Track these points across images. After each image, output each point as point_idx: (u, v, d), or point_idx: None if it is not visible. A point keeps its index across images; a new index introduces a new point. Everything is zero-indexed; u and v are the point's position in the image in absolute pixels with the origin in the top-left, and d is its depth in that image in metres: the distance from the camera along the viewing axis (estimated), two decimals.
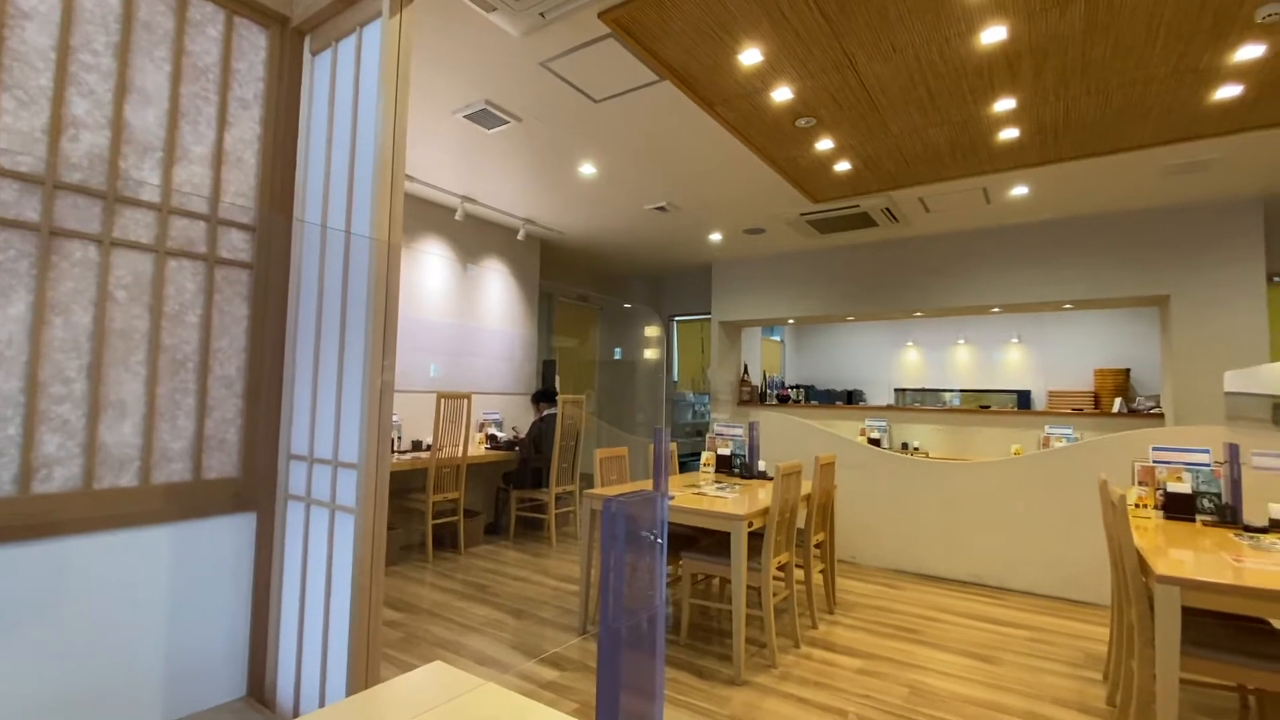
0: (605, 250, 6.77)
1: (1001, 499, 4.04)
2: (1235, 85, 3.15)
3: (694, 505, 2.88)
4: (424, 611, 3.41)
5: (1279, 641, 2.00)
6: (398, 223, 1.62)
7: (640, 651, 0.88)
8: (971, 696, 2.53)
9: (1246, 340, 4.59)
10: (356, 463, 1.58)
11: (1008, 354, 7.57)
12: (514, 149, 4.08)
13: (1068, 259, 5.32)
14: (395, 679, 1.15)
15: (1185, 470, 2.72)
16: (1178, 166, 4.13)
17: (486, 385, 5.66)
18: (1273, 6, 2.51)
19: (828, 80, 3.17)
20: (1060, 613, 3.55)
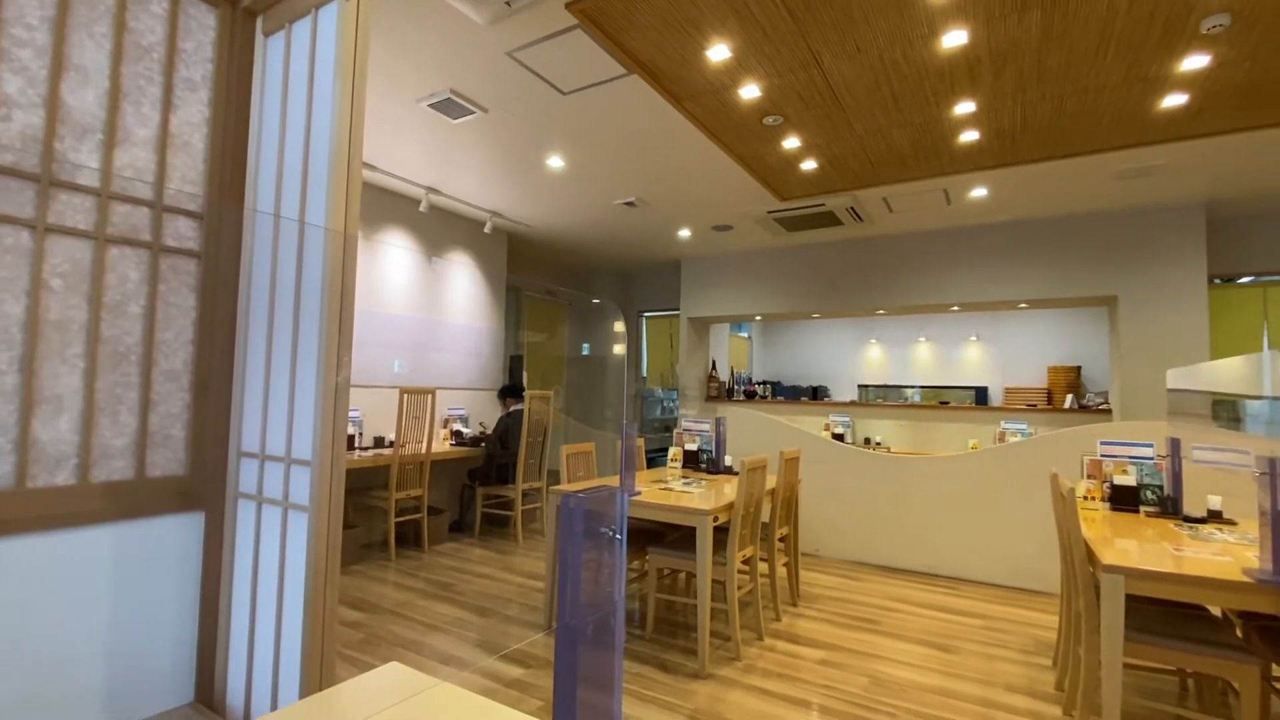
0: (574, 245, 6.72)
1: (959, 492, 4.16)
2: (1181, 94, 3.28)
3: (660, 501, 2.88)
4: (386, 611, 3.35)
5: (1216, 627, 2.10)
6: (354, 213, 1.57)
7: (599, 647, 0.86)
8: (929, 685, 2.60)
9: (1188, 339, 4.80)
10: (310, 460, 1.53)
11: (966, 352, 7.78)
12: (480, 140, 4.02)
13: (1023, 259, 5.48)
14: (349, 680, 1.12)
15: (1130, 464, 2.84)
16: (1127, 172, 4.29)
17: (452, 381, 5.57)
18: (1218, 18, 2.62)
19: (794, 79, 3.19)
20: (1013, 601, 3.67)
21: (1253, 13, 2.59)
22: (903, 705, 2.42)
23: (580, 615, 0.79)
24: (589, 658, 0.86)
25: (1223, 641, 1.97)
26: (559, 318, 7.89)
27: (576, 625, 0.80)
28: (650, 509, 2.86)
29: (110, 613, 1.75)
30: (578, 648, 0.80)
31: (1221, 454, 2.58)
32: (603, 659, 0.87)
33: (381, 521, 4.41)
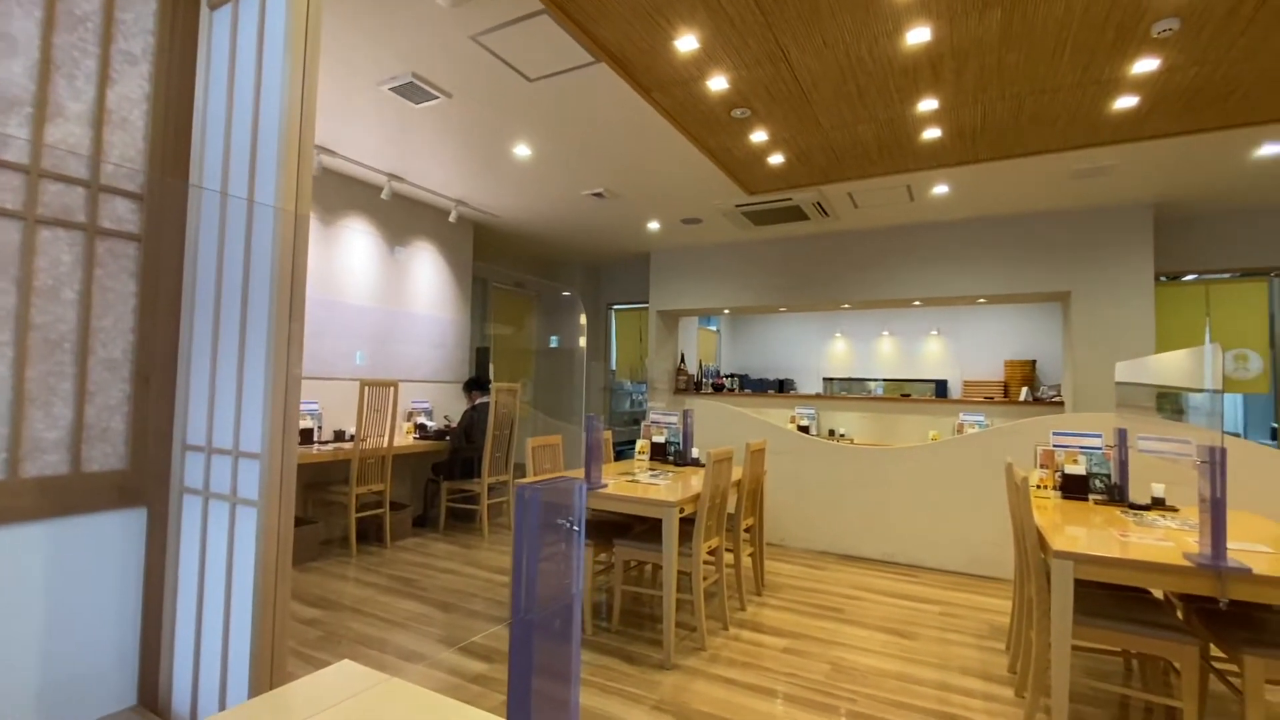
0: (542, 235, 6.64)
1: (919, 482, 4.25)
2: (1132, 96, 3.39)
3: (627, 493, 2.87)
4: (345, 608, 3.27)
5: (1158, 610, 2.19)
6: (306, 193, 1.51)
7: (557, 640, 0.85)
8: (888, 670, 2.65)
9: (1136, 334, 5.00)
10: (260, 452, 1.47)
11: (927, 345, 7.97)
12: (444, 126, 3.92)
13: (982, 256, 5.62)
14: (299, 680, 1.08)
15: (1081, 453, 2.94)
16: (1081, 172, 4.43)
17: (416, 373, 5.46)
18: (1168, 22, 2.71)
19: (762, 72, 3.19)
20: (969, 588, 3.77)
21: (1201, 17, 2.69)
22: (863, 691, 2.46)
23: (536, 609, 0.77)
24: (547, 651, 0.85)
25: (1164, 623, 2.05)
26: (527, 310, 7.80)
27: (531, 620, 0.78)
28: (616, 501, 2.85)
29: (45, 614, 1.65)
30: (533, 642, 0.78)
31: (1165, 444, 2.69)
32: (561, 652, 0.85)
33: (342, 517, 4.30)
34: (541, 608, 0.79)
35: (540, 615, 0.79)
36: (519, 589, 0.77)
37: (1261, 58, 2.98)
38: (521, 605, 0.76)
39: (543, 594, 0.81)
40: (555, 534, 0.82)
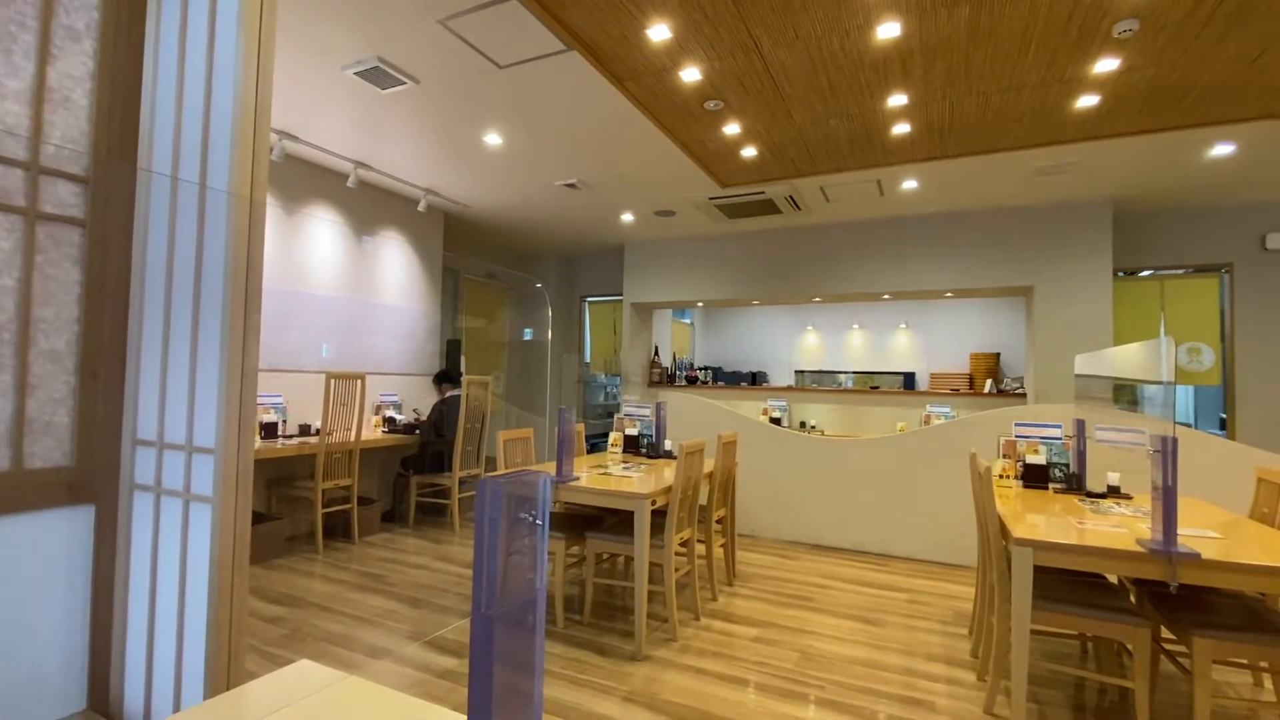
0: (515, 226, 6.56)
1: (887, 473, 4.33)
2: (1093, 96, 3.47)
3: (599, 486, 2.86)
4: (312, 605, 3.20)
5: (1113, 594, 2.26)
6: (262, 178, 1.45)
7: (519, 636, 0.83)
8: (856, 657, 2.70)
9: (1095, 328, 5.15)
10: (214, 447, 1.41)
11: (896, 339, 8.10)
12: (413, 113, 3.83)
13: (949, 251, 5.73)
14: (257, 680, 1.05)
15: (1041, 444, 3.02)
16: (1044, 169, 4.53)
17: (385, 365, 5.35)
18: (1128, 23, 2.78)
19: (734, 63, 3.19)
20: (935, 575, 3.86)
21: (1159, 19, 2.76)
22: (831, 678, 2.50)
23: (496, 605, 0.75)
24: (509, 647, 0.83)
25: (1118, 607, 2.12)
26: (500, 302, 7.71)
27: (492, 616, 0.76)
28: (588, 494, 2.84)
29: None
30: (494, 638, 0.76)
31: (1121, 434, 2.77)
32: (524, 648, 0.84)
33: (307, 513, 4.21)
34: (504, 603, 0.78)
35: (502, 611, 0.78)
36: (480, 585, 0.76)
37: (1215, 61, 3.08)
38: (482, 601, 0.75)
39: (506, 589, 0.79)
40: (519, 528, 0.81)
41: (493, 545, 0.75)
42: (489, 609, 0.75)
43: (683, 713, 2.20)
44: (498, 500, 0.75)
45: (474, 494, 5.17)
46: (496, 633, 0.76)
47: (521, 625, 0.79)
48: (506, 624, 0.78)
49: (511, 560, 0.79)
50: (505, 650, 0.78)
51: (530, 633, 0.80)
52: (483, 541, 0.76)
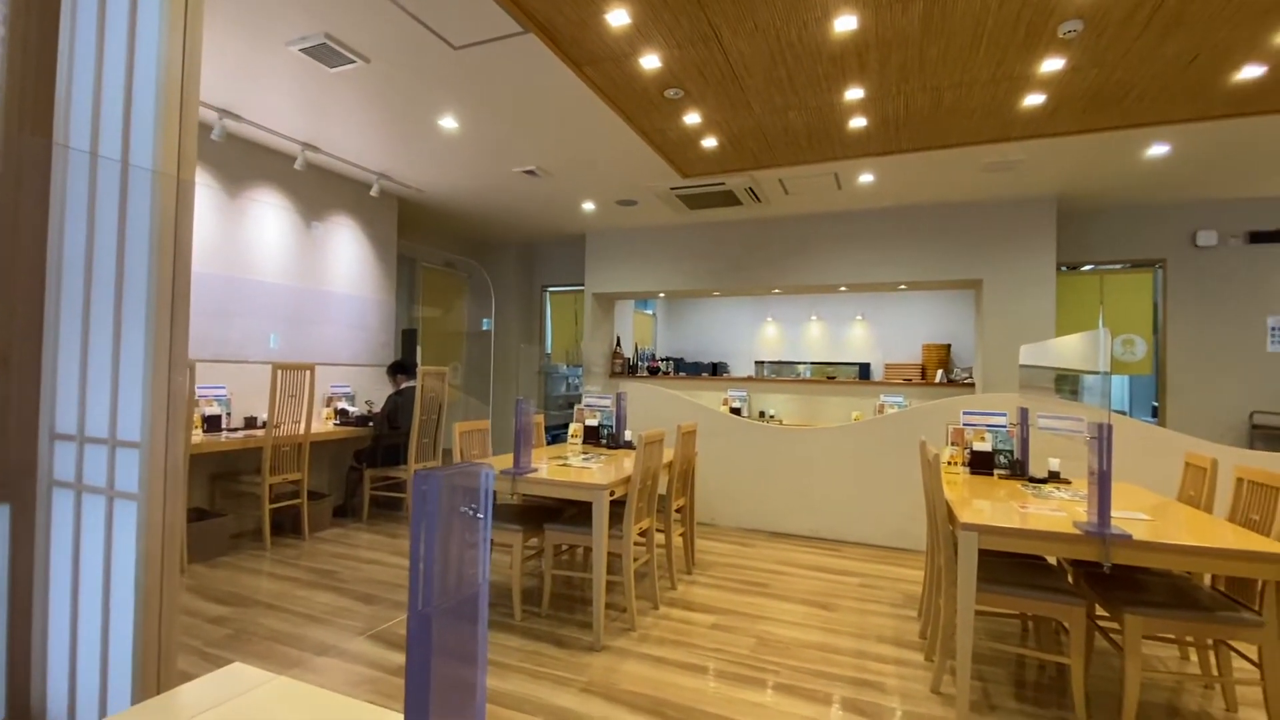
0: (472, 214, 6.42)
1: (842, 461, 4.42)
2: (1040, 94, 3.58)
3: (557, 477, 2.84)
4: (258, 604, 3.09)
5: (1052, 575, 2.36)
6: (190, 156, 1.36)
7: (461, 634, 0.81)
8: (810, 641, 2.75)
9: (1039, 320, 5.35)
10: (140, 441, 1.33)
11: (853, 330, 8.27)
12: (363, 93, 3.69)
13: (903, 244, 5.86)
14: (186, 684, 1.00)
15: (987, 431, 3.12)
16: (993, 165, 4.66)
17: (336, 356, 5.19)
18: (1073, 23, 2.86)
19: (694, 52, 3.17)
20: (887, 560, 3.97)
21: (1102, 21, 2.85)
22: (786, 663, 2.54)
23: (433, 603, 0.72)
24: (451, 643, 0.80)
25: (1056, 587, 2.21)
26: (458, 291, 7.56)
27: (429, 614, 0.73)
28: (547, 485, 2.81)
29: None
30: (432, 637, 0.73)
31: (1061, 422, 2.89)
32: (466, 646, 0.81)
33: (254, 508, 4.05)
34: (443, 600, 0.75)
35: (441, 608, 0.75)
36: (416, 582, 0.73)
37: (1152, 63, 3.21)
38: (419, 599, 0.72)
39: (446, 586, 0.76)
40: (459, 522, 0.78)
41: (430, 541, 0.72)
42: (426, 607, 0.72)
43: (640, 702, 2.21)
44: (435, 494, 0.72)
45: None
46: (435, 630, 0.73)
47: (463, 621, 0.77)
48: (446, 621, 0.76)
49: (452, 555, 0.76)
50: (446, 648, 0.76)
51: (473, 629, 0.78)
52: (419, 537, 0.73)
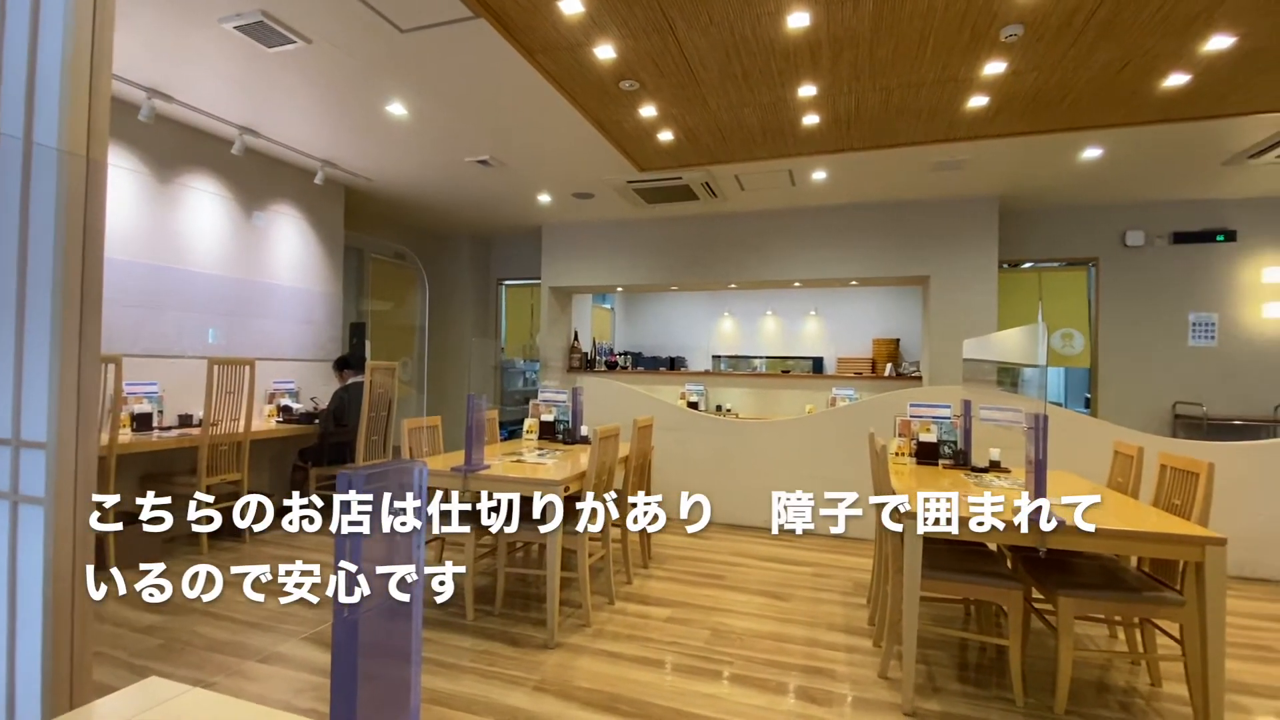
0: (424, 204, 6.25)
1: (796, 452, 4.50)
2: (983, 96, 3.69)
3: (510, 474, 2.79)
4: (193, 611, 2.94)
5: (992, 560, 2.45)
6: (101, 135, 1.25)
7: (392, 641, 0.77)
8: (764, 631, 2.79)
9: (982, 316, 5.55)
10: (46, 441, 1.23)
11: (807, 325, 8.43)
12: (305, 76, 3.53)
13: (854, 241, 5.99)
14: (100, 700, 0.93)
15: (933, 423, 3.22)
16: (939, 164, 4.80)
17: (280, 350, 4.98)
18: (1014, 28, 2.96)
19: (649, 43, 3.14)
20: (839, 549, 4.05)
21: (1040, 26, 2.96)
22: (740, 653, 2.57)
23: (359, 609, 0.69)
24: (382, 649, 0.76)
25: (996, 572, 2.30)
26: (410, 283, 7.35)
27: (355, 622, 0.69)
28: (498, 483, 2.76)
29: None
30: (358, 644, 0.69)
31: (1002, 413, 3.00)
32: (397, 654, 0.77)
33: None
34: (370, 604, 0.71)
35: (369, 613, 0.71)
36: (340, 588, 0.69)
37: (1086, 69, 3.35)
38: (343, 606, 0.68)
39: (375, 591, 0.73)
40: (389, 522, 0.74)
41: (355, 543, 0.69)
42: (352, 613, 0.68)
43: (593, 698, 2.19)
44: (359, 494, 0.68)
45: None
46: (363, 636, 0.69)
47: (396, 624, 0.73)
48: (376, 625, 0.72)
49: (381, 557, 0.73)
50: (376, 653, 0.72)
51: (406, 632, 0.74)
52: (343, 539, 0.69)
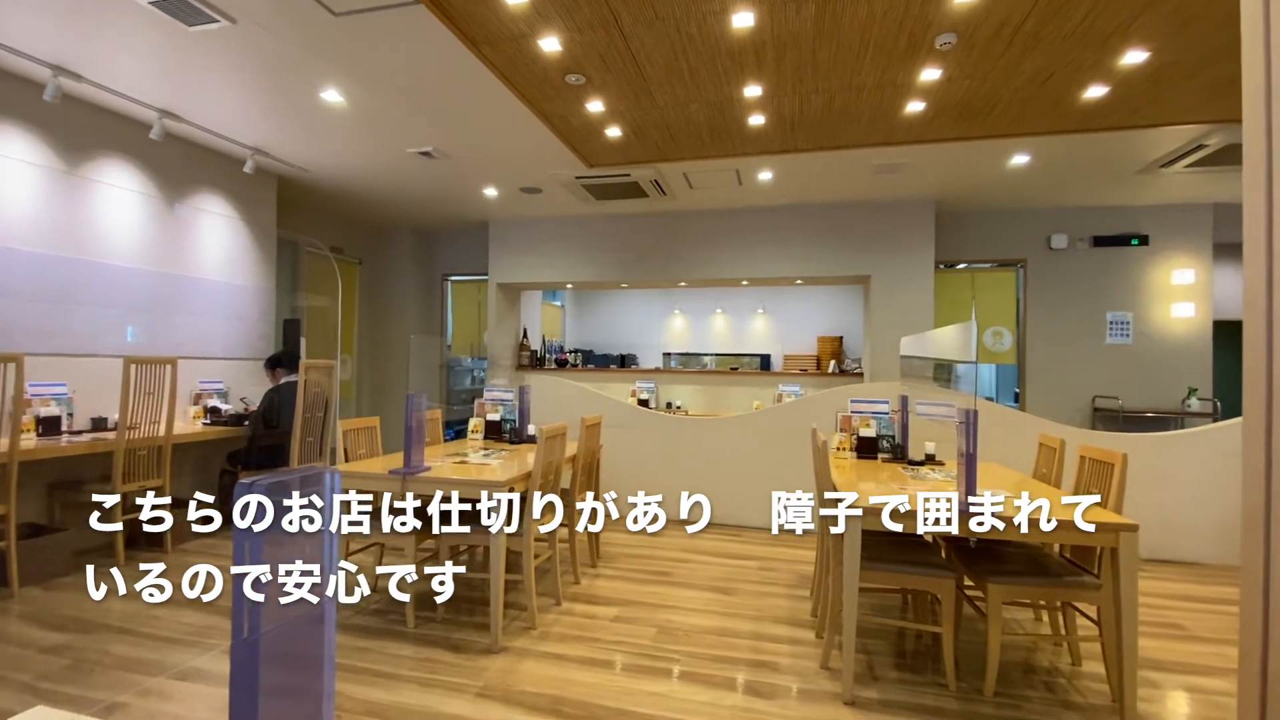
0: (364, 196, 6.02)
1: (743, 448, 4.56)
2: (920, 102, 3.82)
3: (451, 475, 2.72)
4: (106, 628, 2.75)
5: (927, 550, 2.53)
6: None
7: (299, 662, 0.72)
8: (710, 627, 2.81)
9: (919, 314, 5.76)
10: None
11: (755, 322, 8.57)
12: (231, 58, 3.34)
13: (799, 241, 6.12)
14: None
15: (872, 418, 3.31)
16: (880, 167, 4.95)
17: (207, 349, 4.70)
18: (947, 36, 3.06)
19: (595, 37, 3.11)
20: (784, 543, 4.13)
21: (973, 35, 3.07)
22: (686, 650, 2.58)
23: (259, 630, 0.64)
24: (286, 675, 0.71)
25: (930, 562, 2.38)
26: (350, 278, 7.08)
27: (256, 641, 0.65)
28: (438, 484, 2.68)
29: None
30: (259, 667, 0.64)
31: (936, 408, 3.11)
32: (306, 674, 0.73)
33: (104, 520, 3.59)
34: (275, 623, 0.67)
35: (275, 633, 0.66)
36: (240, 606, 0.64)
37: (1015, 78, 3.50)
38: (243, 626, 0.63)
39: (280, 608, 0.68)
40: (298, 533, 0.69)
41: (256, 558, 0.64)
42: (253, 633, 0.63)
43: (538, 702, 2.16)
44: (259, 505, 0.63)
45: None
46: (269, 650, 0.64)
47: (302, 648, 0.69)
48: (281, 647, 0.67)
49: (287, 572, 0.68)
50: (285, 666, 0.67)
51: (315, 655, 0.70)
52: (243, 554, 0.64)
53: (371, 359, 7.37)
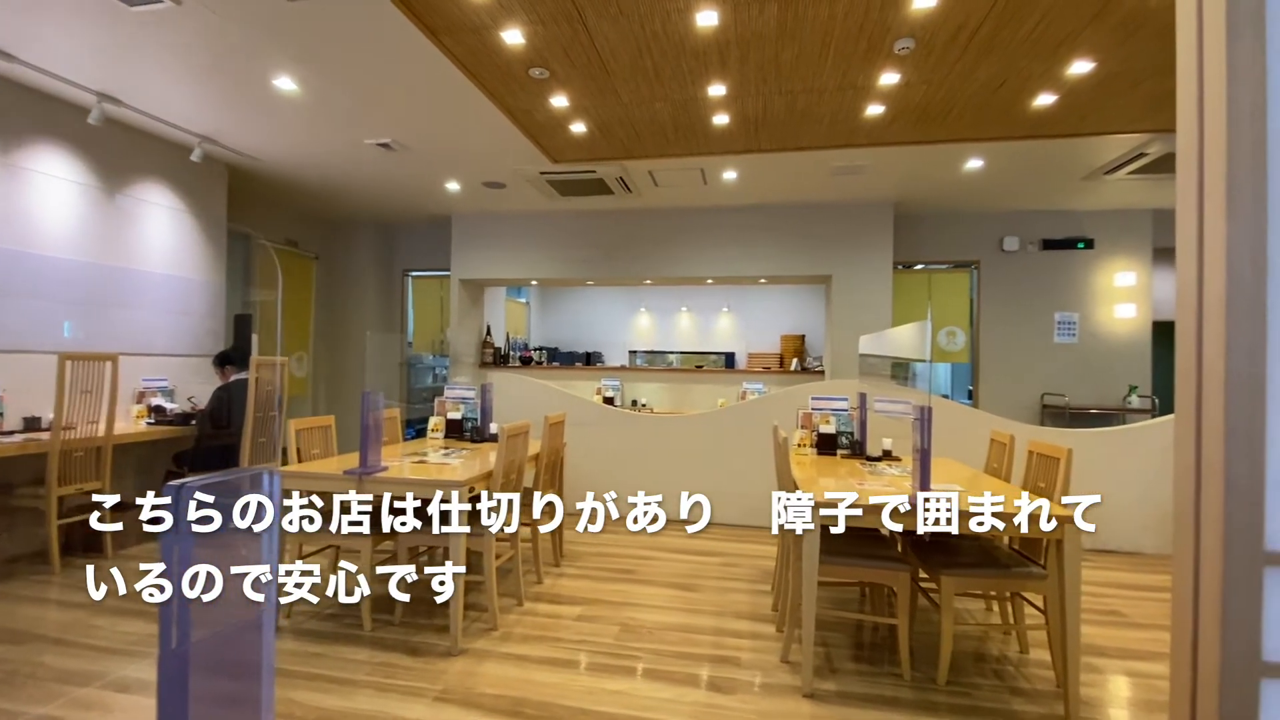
0: (320, 188, 5.84)
1: (707, 444, 4.59)
2: (879, 105, 3.89)
3: (408, 475, 2.66)
4: (42, 639, 2.61)
5: (884, 544, 2.59)
6: None
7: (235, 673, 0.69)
8: (673, 624, 2.82)
9: (878, 314, 5.89)
10: None
11: (720, 321, 8.63)
12: (176, 40, 3.19)
13: (763, 240, 6.19)
14: None
15: (832, 415, 3.37)
16: (840, 169, 5.03)
17: (150, 345, 4.50)
18: (905, 41, 3.13)
19: (559, 30, 3.07)
20: (746, 539, 4.18)
21: (930, 41, 3.14)
22: (649, 647, 2.58)
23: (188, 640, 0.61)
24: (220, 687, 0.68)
25: (886, 555, 2.43)
26: (305, 273, 6.87)
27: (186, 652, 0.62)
28: (396, 485, 2.62)
29: None
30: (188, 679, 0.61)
31: (893, 404, 3.18)
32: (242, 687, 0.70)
33: (37, 525, 3.41)
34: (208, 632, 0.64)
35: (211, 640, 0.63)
36: (168, 615, 0.61)
37: (970, 85, 3.61)
38: (171, 636, 0.60)
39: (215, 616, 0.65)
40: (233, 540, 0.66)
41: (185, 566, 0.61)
42: (182, 642, 0.60)
43: (498, 704, 2.13)
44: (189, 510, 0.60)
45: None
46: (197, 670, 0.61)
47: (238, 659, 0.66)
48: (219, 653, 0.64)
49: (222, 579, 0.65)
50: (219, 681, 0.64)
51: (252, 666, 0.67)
52: (172, 561, 0.61)
53: (329, 356, 7.17)
